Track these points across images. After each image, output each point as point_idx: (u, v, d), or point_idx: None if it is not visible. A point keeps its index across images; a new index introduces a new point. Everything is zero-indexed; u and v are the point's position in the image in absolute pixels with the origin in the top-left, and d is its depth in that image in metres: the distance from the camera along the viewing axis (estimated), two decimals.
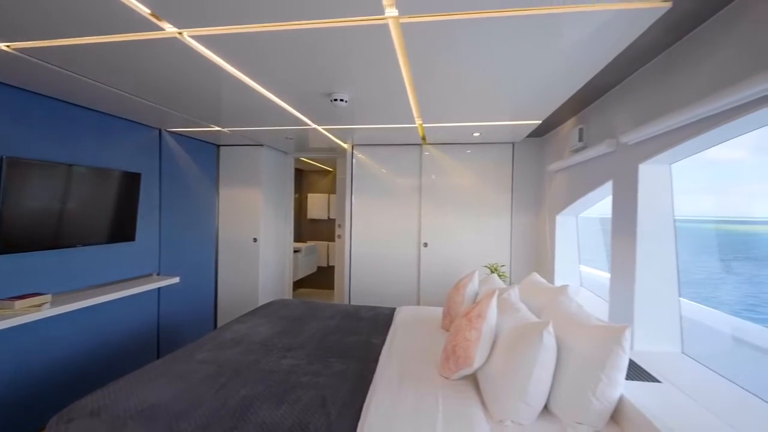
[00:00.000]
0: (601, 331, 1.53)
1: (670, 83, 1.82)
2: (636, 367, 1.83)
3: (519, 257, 3.92)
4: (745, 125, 1.49)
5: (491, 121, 3.08)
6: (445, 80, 2.14)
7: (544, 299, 2.15)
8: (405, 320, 2.75)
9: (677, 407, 1.48)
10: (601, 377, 1.47)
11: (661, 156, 1.90)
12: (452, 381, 1.82)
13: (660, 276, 2.01)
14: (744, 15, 1.40)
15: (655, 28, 1.65)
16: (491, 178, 3.96)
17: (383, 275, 4.14)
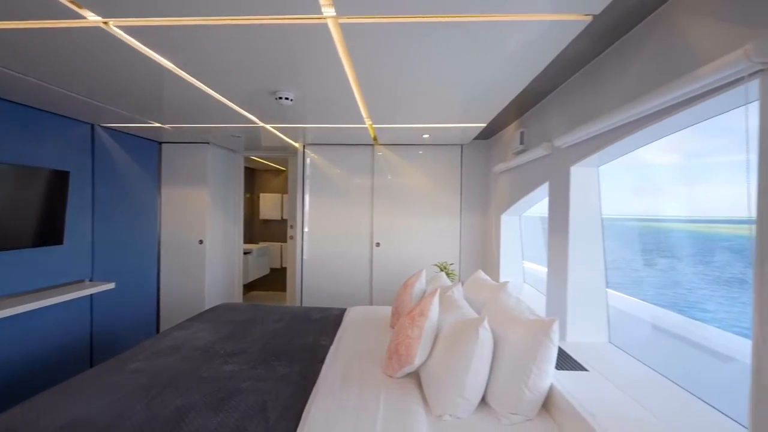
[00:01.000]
0: (532, 325, 1.61)
1: (596, 91, 1.95)
2: (567, 357, 1.95)
3: (468, 255, 4.04)
4: (662, 130, 1.63)
5: (439, 123, 3.16)
6: (390, 82, 2.16)
7: (486, 296, 2.23)
8: (354, 320, 2.75)
9: (600, 393, 1.59)
10: (533, 369, 1.54)
11: (589, 159, 2.03)
12: (396, 379, 1.84)
13: (589, 271, 2.15)
14: (655, 31, 1.53)
15: (583, 38, 1.77)
16: (441, 178, 4.06)
17: (336, 276, 4.12)
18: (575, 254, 2.16)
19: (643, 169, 2.76)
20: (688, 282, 2.44)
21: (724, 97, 1.22)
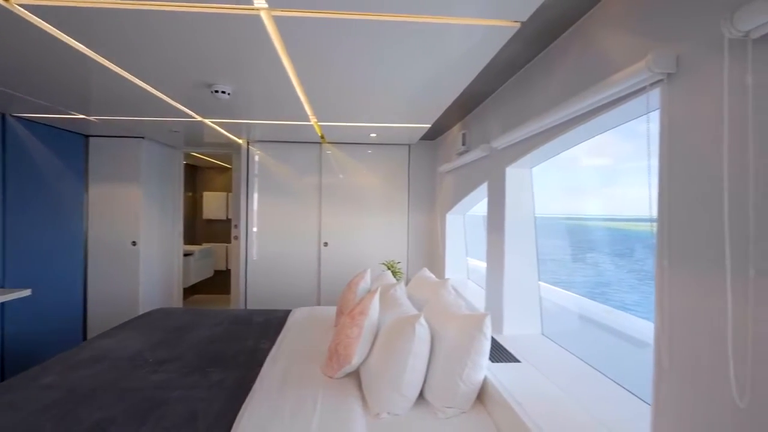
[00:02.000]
0: (465, 320, 1.66)
1: (527, 95, 2.05)
2: (503, 349, 2.03)
3: (416, 254, 4.10)
4: (584, 133, 1.74)
5: (386, 122, 3.17)
6: (334, 80, 2.14)
7: (428, 293, 2.27)
8: (298, 322, 2.69)
9: (530, 383, 1.67)
10: (467, 362, 1.59)
11: (522, 160, 2.13)
12: (336, 380, 1.82)
13: (523, 267, 2.26)
14: (576, 40, 1.63)
15: (515, 44, 1.85)
16: (390, 178, 4.09)
17: (282, 277, 4.02)
18: (511, 251, 2.25)
19: (580, 171, 2.94)
20: (611, 274, 2.65)
21: (634, 104, 1.32)
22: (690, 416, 1.03)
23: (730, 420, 0.91)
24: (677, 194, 1.09)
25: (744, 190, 0.90)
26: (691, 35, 1.06)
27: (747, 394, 0.87)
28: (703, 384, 0.98)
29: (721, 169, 0.95)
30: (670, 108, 1.12)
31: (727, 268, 0.92)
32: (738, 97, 0.92)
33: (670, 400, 1.09)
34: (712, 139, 0.98)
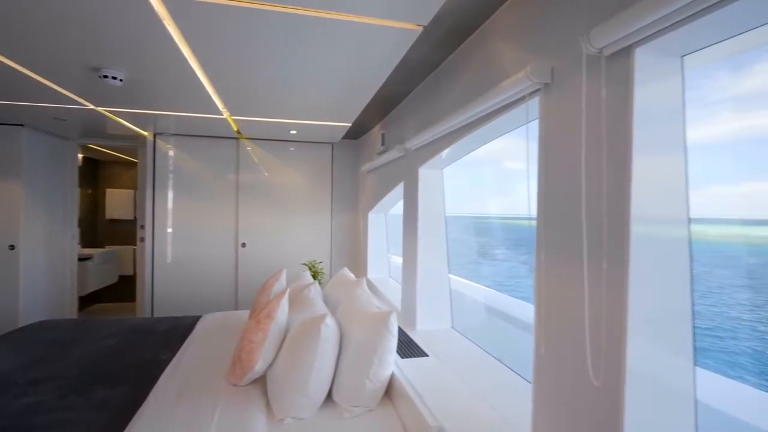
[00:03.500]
0: (373, 318, 1.67)
1: (437, 98, 2.13)
2: (414, 345, 2.08)
3: (339, 253, 4.07)
4: (484, 136, 1.84)
5: (305, 119, 3.10)
6: (244, 73, 2.05)
7: (344, 292, 2.26)
8: (208, 329, 2.52)
9: (435, 376, 1.73)
10: (374, 360, 1.60)
11: (433, 161, 2.20)
12: (241, 387, 1.73)
13: (435, 264, 2.34)
14: (478, 47, 1.72)
15: (426, 47, 1.91)
16: (313, 176, 4.01)
17: (196, 281, 3.75)
18: (423, 249, 2.32)
19: (505, 173, 3.10)
20: (513, 267, 2.88)
21: (522, 109, 1.42)
22: (560, 395, 1.13)
23: (590, 396, 1.01)
24: (551, 195, 1.19)
25: (599, 191, 1.00)
26: (563, 50, 1.16)
27: (601, 374, 0.97)
28: (569, 366, 1.08)
29: (579, 172, 1.05)
30: (546, 115, 1.22)
31: (585, 261, 1.02)
32: (594, 107, 1.02)
33: (546, 382, 1.19)
34: (574, 146, 1.08)
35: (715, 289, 6.02)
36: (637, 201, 0.91)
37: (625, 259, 0.91)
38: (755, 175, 2.86)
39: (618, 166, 0.94)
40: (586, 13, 1.07)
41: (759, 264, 5.96)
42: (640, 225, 0.91)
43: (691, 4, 0.77)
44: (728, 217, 2.60)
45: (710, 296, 7.06)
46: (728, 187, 2.86)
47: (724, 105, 2.14)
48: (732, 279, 8.27)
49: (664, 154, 0.95)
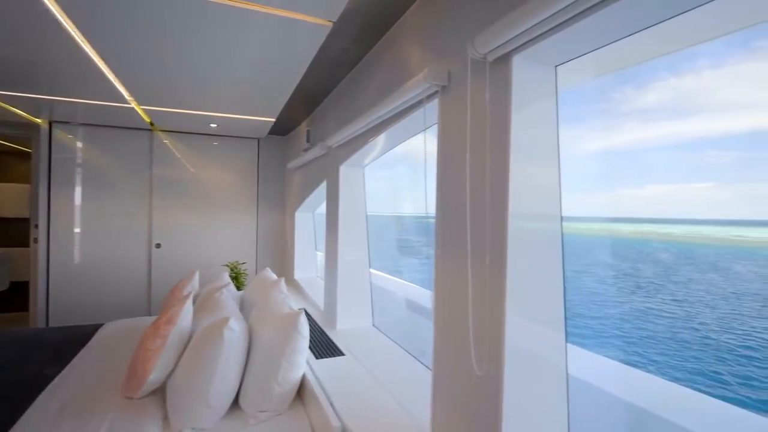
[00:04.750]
0: (282, 319, 1.62)
1: (354, 95, 2.12)
2: (331, 344, 2.06)
3: (265, 253, 3.93)
4: (399, 135, 1.86)
5: (225, 112, 2.95)
6: (149, 58, 1.89)
7: (261, 294, 2.17)
8: (107, 338, 2.30)
9: (349, 375, 1.73)
10: (282, 363, 1.55)
11: (353, 159, 2.19)
12: (137, 401, 1.59)
13: (356, 263, 2.34)
14: (391, 46, 1.73)
15: (343, 42, 1.90)
16: (237, 173, 3.83)
17: (102, 286, 3.40)
18: (344, 249, 2.31)
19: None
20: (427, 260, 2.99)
21: (427, 110, 1.46)
22: (452, 385, 1.17)
23: (473, 385, 1.06)
24: (446, 194, 1.23)
25: (482, 191, 1.05)
26: (458, 54, 1.20)
27: (485, 364, 1.02)
28: (459, 356, 1.13)
29: (466, 173, 1.09)
30: (443, 117, 1.26)
31: (469, 257, 1.06)
32: (480, 111, 1.07)
33: (442, 373, 1.23)
34: (464, 147, 1.12)
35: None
36: (514, 200, 0.97)
37: (504, 254, 0.96)
38: (657, 180, 3.18)
39: (500, 168, 0.99)
40: (476, 19, 1.12)
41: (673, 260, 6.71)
42: (517, 222, 0.97)
43: (555, 15, 0.83)
44: (639, 216, 2.88)
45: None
46: (635, 190, 3.19)
47: (631, 116, 2.37)
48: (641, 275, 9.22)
49: (539, 157, 1.02)
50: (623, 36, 0.91)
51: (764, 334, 10.28)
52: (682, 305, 13.69)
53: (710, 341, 10.47)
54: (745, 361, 9.29)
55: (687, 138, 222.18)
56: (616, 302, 14.73)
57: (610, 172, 8.36)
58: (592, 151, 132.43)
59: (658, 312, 13.04)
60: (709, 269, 22.57)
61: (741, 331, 10.85)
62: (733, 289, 16.56)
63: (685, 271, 21.86)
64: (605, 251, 32.11)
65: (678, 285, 17.55)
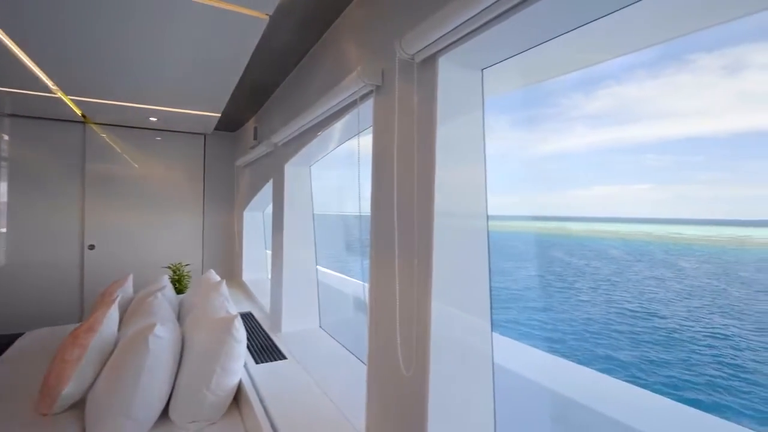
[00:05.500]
0: (215, 324, 1.55)
1: (299, 92, 2.07)
2: (274, 348, 2.00)
3: (212, 254, 3.76)
4: (344, 132, 1.84)
5: (165, 106, 2.79)
6: (68, 44, 1.74)
7: (200, 297, 2.08)
8: (25, 349, 2.11)
9: (288, 379, 1.68)
10: (216, 369, 1.48)
11: (298, 158, 2.14)
12: (52, 417, 1.46)
13: (303, 265, 2.29)
14: (333, 42, 1.70)
15: (287, 35, 1.84)
16: (182, 170, 3.64)
17: (27, 290, 3.12)
18: (290, 250, 2.25)
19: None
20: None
21: (365, 109, 1.44)
22: (385, 385, 1.16)
23: (401, 384, 1.06)
24: (379, 195, 1.22)
25: (411, 191, 1.04)
26: (390, 54, 1.19)
27: (412, 364, 1.02)
28: (390, 357, 1.12)
29: (393, 175, 1.09)
30: (377, 117, 1.25)
31: (396, 259, 1.06)
32: (408, 112, 1.06)
33: (376, 371, 1.22)
34: (393, 149, 1.12)
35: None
36: (440, 200, 0.97)
37: (431, 253, 0.96)
38: (605, 181, 3.34)
39: (427, 169, 0.99)
40: (405, 19, 1.12)
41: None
42: (443, 221, 0.97)
43: (477, 17, 0.83)
44: (589, 215, 3.03)
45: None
46: (584, 191, 3.38)
47: (579, 121, 2.48)
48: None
49: (466, 158, 1.03)
50: (545, 40, 0.94)
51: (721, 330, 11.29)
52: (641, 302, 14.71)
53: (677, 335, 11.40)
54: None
55: (629, 142, 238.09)
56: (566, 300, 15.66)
57: (561, 174, 8.65)
58: (544, 154, 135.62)
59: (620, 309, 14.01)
60: (659, 265, 24.47)
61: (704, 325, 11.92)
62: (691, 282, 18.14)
63: (637, 268, 23.47)
64: (560, 249, 33.82)
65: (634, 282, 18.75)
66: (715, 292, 16.01)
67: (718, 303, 13.95)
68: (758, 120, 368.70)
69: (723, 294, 15.65)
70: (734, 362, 9.15)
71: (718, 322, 11.81)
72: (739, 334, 10.97)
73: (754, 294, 15.95)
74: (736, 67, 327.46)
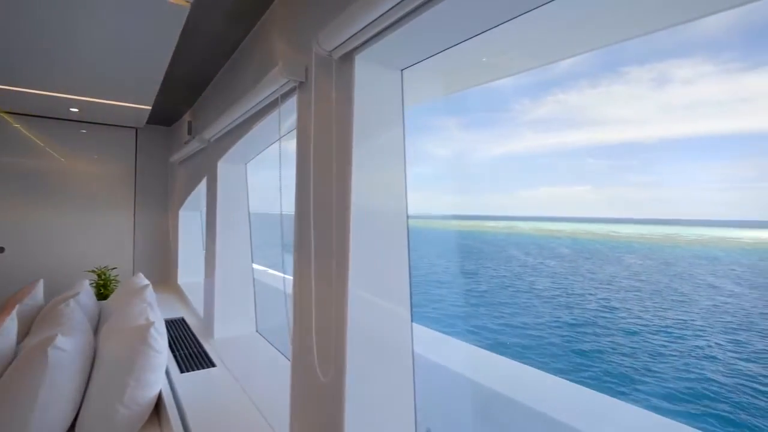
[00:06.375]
0: (129, 333, 1.44)
1: (230, 86, 1.98)
2: (203, 355, 1.90)
3: (146, 256, 3.52)
4: (275, 128, 1.77)
5: (88, 96, 2.56)
6: None
7: (121, 303, 1.92)
8: None
9: (214, 387, 1.60)
10: (129, 382, 1.37)
11: (232, 155, 2.05)
12: None
13: (237, 267, 2.19)
14: (263, 35, 1.63)
15: (212, 25, 1.75)
16: (111, 166, 3.36)
17: None
18: (224, 252, 2.15)
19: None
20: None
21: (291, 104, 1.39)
22: (304, 389, 1.13)
23: (318, 390, 1.03)
24: (300, 195, 1.18)
25: (329, 192, 1.02)
26: (312, 50, 1.16)
27: (330, 369, 0.99)
28: (307, 361, 1.09)
29: (310, 175, 1.06)
30: (300, 115, 1.21)
31: (312, 261, 1.03)
32: (326, 110, 1.04)
33: (297, 378, 1.19)
34: (313, 148, 1.09)
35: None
36: (359, 200, 0.95)
37: (347, 254, 0.94)
38: (551, 182, 3.50)
39: (344, 170, 0.97)
40: (326, 14, 1.09)
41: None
42: (361, 221, 0.95)
43: (389, 12, 0.81)
44: (536, 215, 3.16)
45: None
46: (531, 191, 3.52)
47: (529, 126, 2.57)
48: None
49: (385, 159, 1.02)
50: (462, 39, 0.94)
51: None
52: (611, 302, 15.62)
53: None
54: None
55: (571, 147, 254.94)
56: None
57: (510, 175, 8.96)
58: (496, 156, 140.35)
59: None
60: (606, 262, 26.21)
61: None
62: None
63: (587, 265, 24.94)
64: (517, 247, 35.28)
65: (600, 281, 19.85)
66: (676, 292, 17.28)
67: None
68: (681, 129, 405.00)
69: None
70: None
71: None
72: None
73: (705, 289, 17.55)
74: (662, 80, 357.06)
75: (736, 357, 10.13)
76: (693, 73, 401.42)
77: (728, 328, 12.59)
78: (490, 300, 15.71)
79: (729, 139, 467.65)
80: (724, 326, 12.82)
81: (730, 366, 9.54)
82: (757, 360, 9.91)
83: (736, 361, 9.83)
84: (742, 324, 13.06)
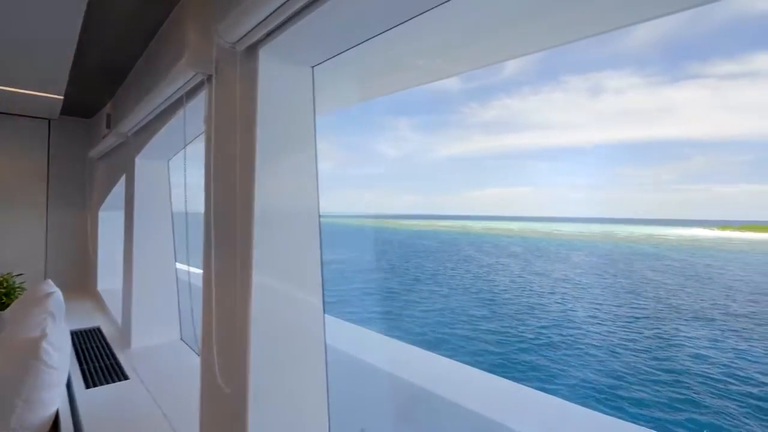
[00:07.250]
0: (16, 349, 1.29)
1: (151, 74, 1.84)
2: (115, 367, 1.75)
3: (60, 260, 3.17)
4: (190, 129, 1.66)
5: None
6: None
7: (20, 314, 1.72)
8: None
9: (125, 403, 1.48)
10: (17, 403, 1.22)
11: (151, 150, 1.90)
12: None
13: (158, 271, 2.04)
14: (176, 25, 1.53)
15: (128, 10, 1.62)
16: (16, 160, 3.01)
17: None
18: (142, 254, 1.99)
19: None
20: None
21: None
22: (211, 398, 1.07)
23: (222, 401, 0.97)
24: (208, 194, 1.11)
25: (232, 193, 0.96)
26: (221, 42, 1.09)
27: (233, 381, 0.94)
28: (210, 372, 1.03)
29: (210, 173, 1.00)
30: (207, 110, 1.14)
31: (212, 263, 0.97)
32: (230, 105, 0.98)
33: (205, 387, 1.12)
34: (218, 143, 1.03)
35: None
36: (263, 200, 0.91)
37: (250, 256, 0.89)
38: (497, 183, 3.62)
39: (248, 169, 0.92)
40: (227, 2, 1.03)
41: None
42: (266, 221, 0.91)
43: (287, 5, 0.77)
44: (485, 214, 3.19)
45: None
46: (479, 192, 3.62)
47: (477, 128, 2.61)
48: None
49: (293, 158, 0.98)
50: (370, 36, 0.91)
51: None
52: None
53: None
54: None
55: (514, 149, 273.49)
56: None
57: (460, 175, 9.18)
58: (446, 156, 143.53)
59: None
60: (558, 260, 27.73)
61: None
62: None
63: (541, 263, 26.21)
64: (471, 246, 36.37)
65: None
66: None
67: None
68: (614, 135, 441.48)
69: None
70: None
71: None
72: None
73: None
74: (597, 90, 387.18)
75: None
76: (623, 84, 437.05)
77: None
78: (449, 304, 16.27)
79: (653, 145, 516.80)
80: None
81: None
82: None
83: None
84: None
